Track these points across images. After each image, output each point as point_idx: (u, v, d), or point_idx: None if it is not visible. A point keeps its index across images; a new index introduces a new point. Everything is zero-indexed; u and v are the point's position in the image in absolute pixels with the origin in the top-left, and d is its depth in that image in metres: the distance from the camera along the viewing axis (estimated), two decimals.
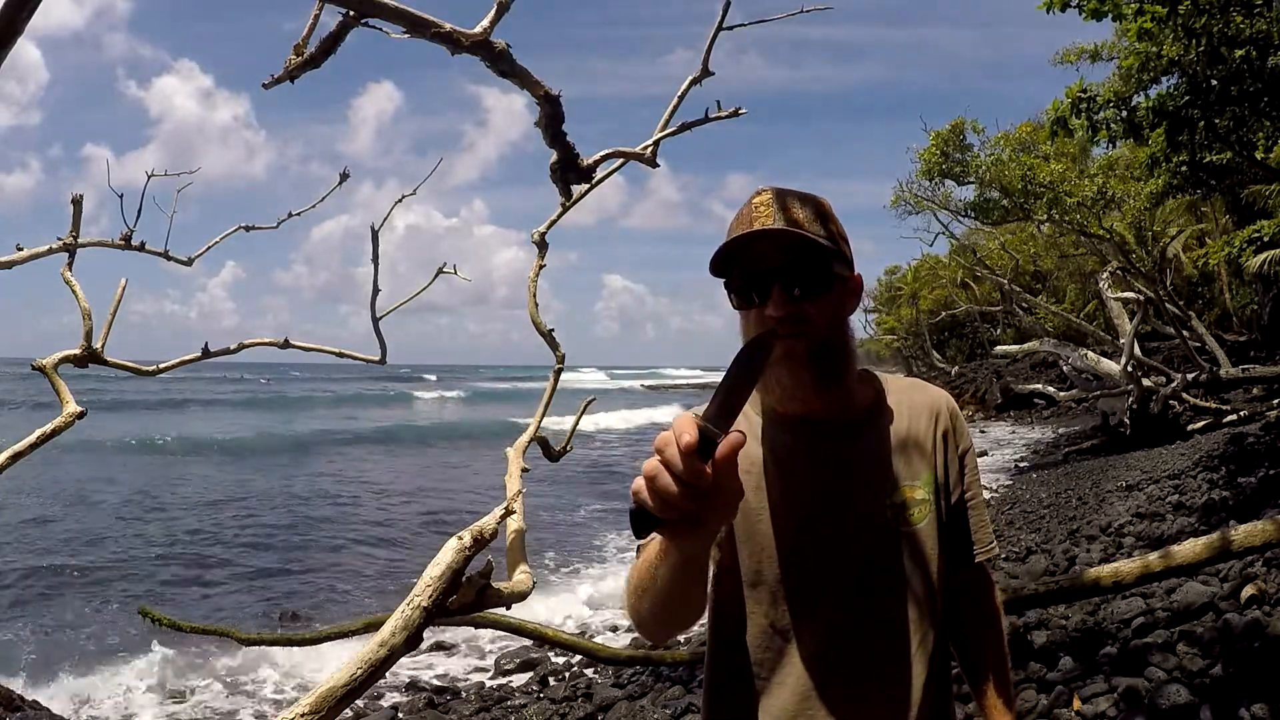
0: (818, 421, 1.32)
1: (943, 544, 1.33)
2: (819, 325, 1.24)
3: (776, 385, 1.28)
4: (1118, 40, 13.08)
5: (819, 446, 1.31)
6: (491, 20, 1.18)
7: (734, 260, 1.26)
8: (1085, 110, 5.47)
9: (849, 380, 1.32)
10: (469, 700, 5.15)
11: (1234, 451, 8.09)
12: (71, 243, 2.85)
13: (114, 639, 6.44)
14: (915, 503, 1.31)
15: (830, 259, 1.24)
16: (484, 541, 1.39)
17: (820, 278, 1.24)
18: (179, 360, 3.30)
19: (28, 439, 2.49)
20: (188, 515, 11.32)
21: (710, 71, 2.08)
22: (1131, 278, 13.32)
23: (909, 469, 1.32)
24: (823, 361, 1.25)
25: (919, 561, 1.30)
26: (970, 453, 1.39)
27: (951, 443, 1.36)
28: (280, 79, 1.35)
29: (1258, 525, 3.44)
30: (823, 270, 1.24)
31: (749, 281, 1.25)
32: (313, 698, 1.17)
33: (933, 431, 1.35)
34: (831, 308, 1.25)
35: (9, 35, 0.77)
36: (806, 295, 1.23)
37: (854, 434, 1.33)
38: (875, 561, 1.29)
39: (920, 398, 1.38)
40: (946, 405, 1.39)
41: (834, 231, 1.27)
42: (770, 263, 1.23)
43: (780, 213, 1.24)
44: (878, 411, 1.35)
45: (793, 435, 1.33)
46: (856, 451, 1.32)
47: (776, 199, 1.25)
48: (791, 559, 1.30)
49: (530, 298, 3.38)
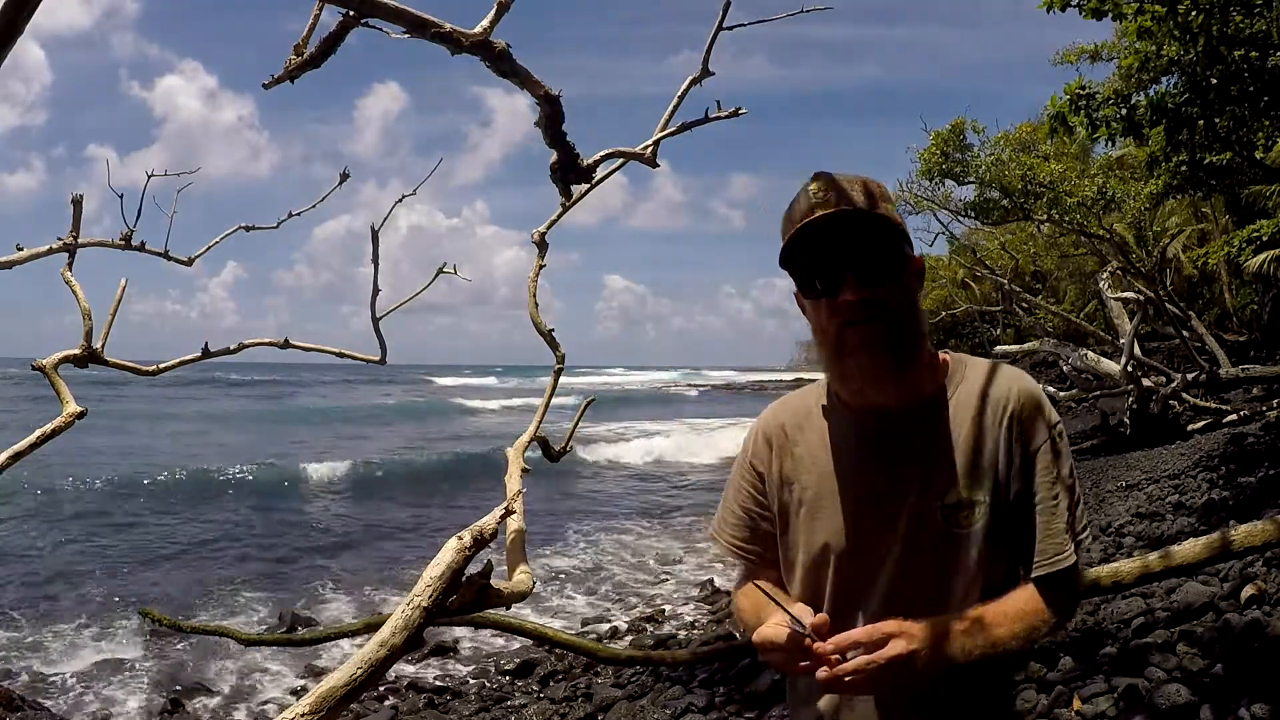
0: (882, 413, 1.27)
1: (994, 551, 1.24)
2: (894, 309, 1.20)
3: (855, 373, 1.25)
4: (1118, 40, 13.09)
5: (880, 441, 1.27)
6: (491, 20, 1.18)
7: (798, 250, 1.22)
8: (1084, 108, 5.47)
9: (920, 365, 1.26)
10: (469, 700, 5.15)
11: (1234, 451, 8.08)
12: (71, 243, 2.85)
13: (114, 639, 6.44)
14: (971, 504, 1.23)
15: (900, 240, 1.21)
16: (484, 541, 1.39)
17: (893, 260, 1.21)
18: (179, 360, 3.30)
19: (28, 439, 2.49)
20: (188, 514, 11.32)
21: (710, 71, 2.07)
22: (1131, 278, 13.31)
23: (969, 467, 1.23)
24: (899, 345, 1.22)
25: (969, 569, 1.24)
26: (1045, 450, 1.24)
27: (1019, 439, 1.24)
28: (280, 79, 1.35)
29: (1258, 525, 3.44)
30: (894, 252, 1.21)
31: (818, 270, 1.22)
32: (312, 698, 1.17)
33: (999, 426, 1.24)
34: (904, 290, 1.22)
35: (9, 35, 0.77)
36: (880, 279, 1.19)
37: (917, 427, 1.26)
38: (923, 565, 1.24)
39: (995, 387, 1.26)
40: (1019, 396, 1.25)
41: (894, 214, 1.23)
42: (840, 248, 1.19)
43: (840, 197, 1.20)
44: (946, 401, 1.27)
45: (855, 427, 1.29)
46: (916, 446, 1.26)
47: (833, 184, 1.21)
48: (842, 558, 1.29)
49: (530, 297, 3.38)
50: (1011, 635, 1.20)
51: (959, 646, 1.16)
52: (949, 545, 1.23)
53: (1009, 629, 1.20)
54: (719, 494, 1.48)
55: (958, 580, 1.24)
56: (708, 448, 19.54)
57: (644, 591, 7.90)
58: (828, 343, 1.25)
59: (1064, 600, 1.26)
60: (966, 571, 1.24)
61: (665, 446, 19.71)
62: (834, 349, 1.24)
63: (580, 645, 4.33)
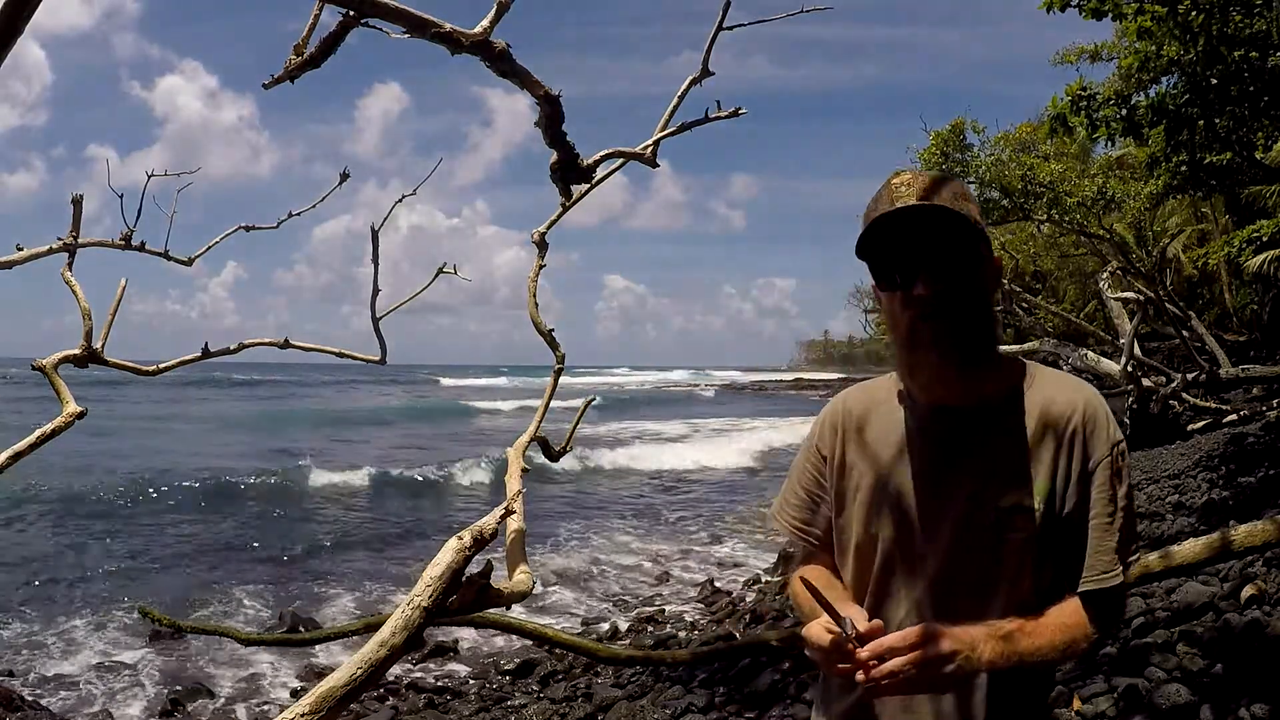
0: (948, 410, 1.27)
1: (1042, 560, 1.24)
2: (965, 307, 1.21)
3: (923, 368, 1.26)
4: (1118, 40, 13.10)
5: (943, 438, 1.28)
6: (491, 20, 1.18)
7: (875, 241, 1.23)
8: (1085, 108, 5.47)
9: (989, 366, 1.26)
10: (469, 700, 5.15)
11: (1234, 451, 8.09)
12: (71, 243, 2.85)
13: (114, 639, 6.44)
14: (1024, 511, 1.23)
15: (978, 239, 1.22)
16: (484, 541, 1.39)
17: (969, 258, 1.21)
18: (179, 360, 3.30)
19: (28, 439, 2.49)
20: (189, 515, 11.32)
21: (710, 71, 2.07)
22: (1131, 278, 13.32)
23: (1026, 474, 1.23)
24: (968, 344, 1.22)
25: (1015, 575, 1.24)
26: (1104, 467, 1.23)
27: (1078, 452, 1.23)
28: (280, 79, 1.35)
29: (1258, 525, 3.44)
30: (971, 250, 1.21)
31: (894, 262, 1.22)
32: (312, 698, 1.17)
33: (1061, 437, 1.24)
34: (978, 289, 1.22)
35: (10, 35, 0.77)
36: (955, 276, 1.20)
37: (981, 427, 1.26)
38: (970, 565, 1.25)
39: (1061, 397, 1.26)
40: (1083, 410, 1.24)
41: (973, 212, 1.22)
42: (918, 242, 1.20)
43: (922, 192, 1.20)
44: (1011, 406, 1.26)
45: (921, 421, 1.30)
46: (978, 447, 1.26)
47: (917, 179, 1.22)
48: (891, 549, 1.30)
49: (530, 297, 3.38)
50: (1050, 646, 1.20)
51: (994, 651, 1.16)
52: (998, 549, 1.23)
53: (1048, 640, 1.20)
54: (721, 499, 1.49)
55: (1002, 584, 1.24)
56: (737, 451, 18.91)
57: (644, 592, 7.90)
58: (899, 336, 1.26)
59: (1107, 617, 1.26)
60: (1012, 577, 1.24)
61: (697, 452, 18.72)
62: (904, 342, 1.25)
63: (580, 645, 4.33)
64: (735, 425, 27.09)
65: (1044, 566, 1.24)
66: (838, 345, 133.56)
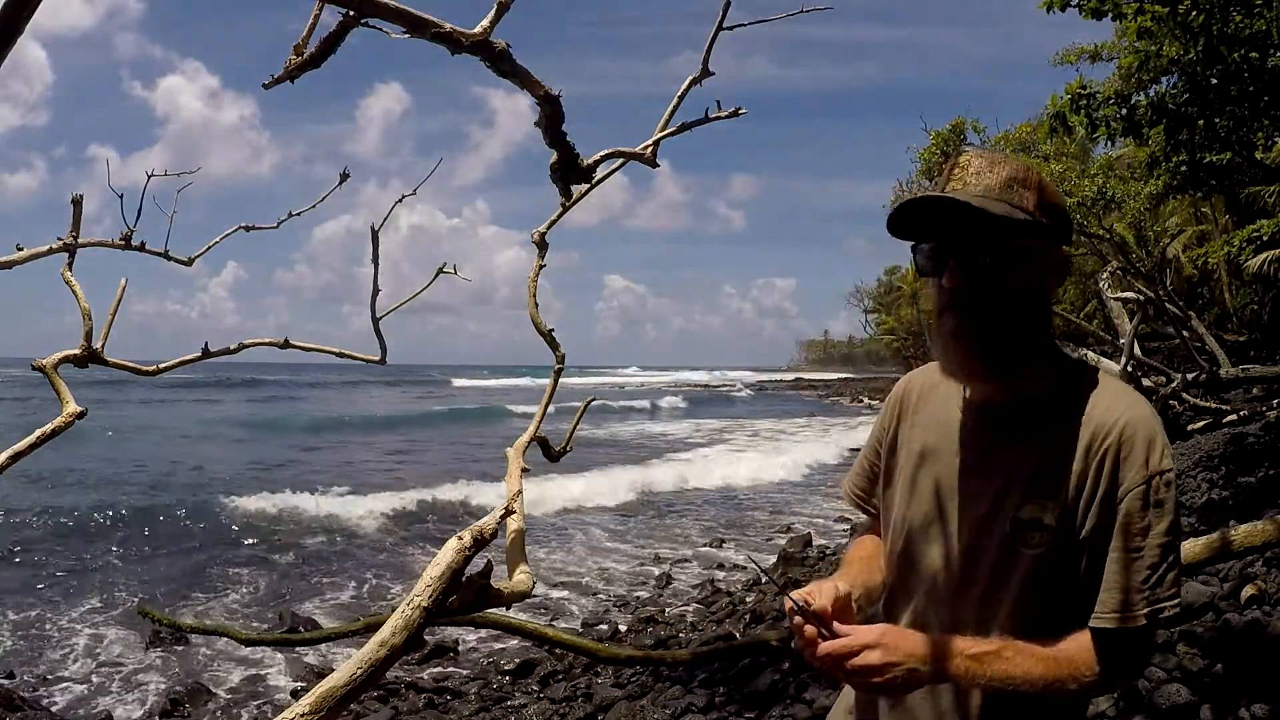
0: (989, 405, 1.23)
1: (1054, 582, 1.16)
2: (993, 302, 1.15)
3: (942, 360, 1.23)
4: (1118, 40, 13.10)
5: (981, 433, 1.24)
6: (491, 20, 1.18)
7: (909, 224, 1.20)
8: (1085, 107, 5.47)
9: (1022, 364, 1.19)
10: (469, 700, 5.15)
11: (1234, 451, 8.08)
12: (71, 243, 2.85)
13: (114, 639, 6.44)
14: (1042, 527, 1.16)
15: (1012, 232, 1.14)
16: (484, 541, 1.39)
17: (998, 251, 1.15)
18: (179, 360, 3.30)
19: (28, 439, 2.49)
20: (190, 515, 11.31)
21: (710, 71, 2.08)
22: (1131, 278, 13.32)
23: (1049, 487, 1.16)
24: (989, 341, 1.16)
25: (1021, 590, 1.18)
26: (1135, 495, 1.11)
27: (1106, 474, 1.13)
28: (280, 79, 1.35)
29: (1258, 525, 3.44)
30: (1001, 243, 1.15)
31: (931, 249, 1.19)
32: (312, 698, 1.18)
33: (1092, 453, 1.14)
34: (1013, 284, 1.16)
35: (10, 34, 0.77)
36: (983, 270, 1.15)
37: (1014, 428, 1.21)
38: (977, 571, 1.21)
39: (1103, 411, 1.15)
40: (1121, 429, 1.13)
41: (1029, 201, 1.15)
42: (949, 231, 1.16)
43: (969, 177, 1.16)
44: (1054, 411, 1.18)
45: (964, 413, 1.26)
46: (1007, 448, 1.20)
47: (973, 162, 1.17)
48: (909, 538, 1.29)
49: (530, 297, 3.38)
50: (1027, 677, 1.12)
51: (959, 669, 1.12)
52: (1008, 559, 1.18)
53: (1026, 670, 1.12)
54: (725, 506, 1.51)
55: (1006, 596, 1.19)
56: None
57: (644, 592, 7.90)
58: (931, 324, 1.25)
59: (1117, 662, 1.14)
60: (1018, 591, 1.18)
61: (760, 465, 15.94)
62: (932, 330, 1.24)
63: (580, 645, 4.34)
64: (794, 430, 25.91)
65: (1058, 589, 1.17)
66: (838, 345, 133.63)
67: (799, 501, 12.95)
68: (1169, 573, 1.12)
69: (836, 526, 10.67)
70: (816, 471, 16.17)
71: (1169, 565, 1.12)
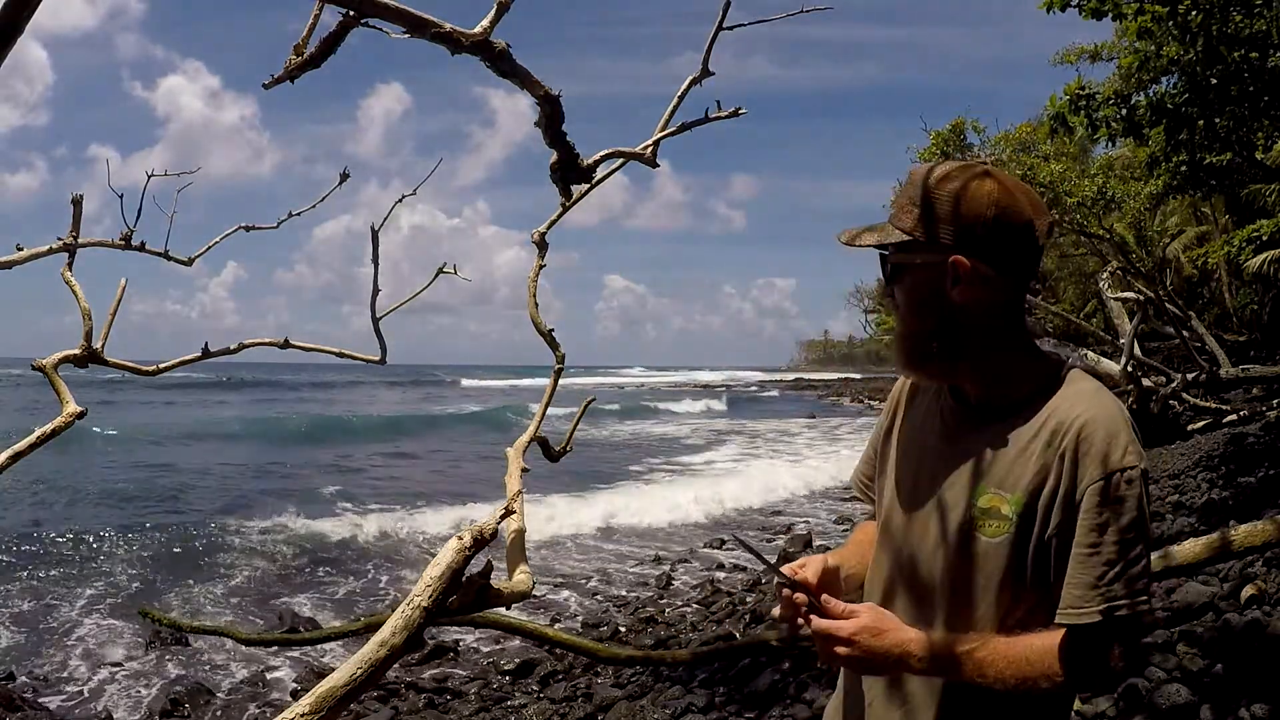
0: (966, 405, 1.31)
1: (1017, 576, 1.19)
2: (898, 311, 1.30)
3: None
4: (1118, 40, 13.10)
5: (955, 431, 1.31)
6: (491, 20, 1.18)
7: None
8: (1084, 108, 5.47)
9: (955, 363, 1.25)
10: (469, 700, 5.15)
11: (1234, 451, 8.09)
12: (71, 243, 2.85)
13: (114, 639, 6.44)
14: (995, 516, 1.20)
15: (890, 252, 1.28)
16: (484, 541, 1.39)
17: (886, 270, 1.30)
18: (179, 360, 3.29)
19: (28, 439, 2.49)
20: (190, 516, 11.32)
21: (710, 71, 2.07)
22: (1131, 278, 13.33)
23: (1009, 479, 1.20)
24: (906, 346, 1.29)
25: (982, 580, 1.22)
26: (1094, 491, 1.12)
27: (1065, 472, 1.15)
28: (280, 79, 1.35)
29: (1258, 525, 3.44)
30: (886, 264, 1.30)
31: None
32: (312, 698, 1.17)
33: (1052, 449, 1.17)
34: (903, 296, 1.29)
35: (10, 34, 0.77)
36: (890, 290, 1.31)
37: (985, 423, 1.27)
38: (940, 559, 1.27)
39: (1069, 408, 1.18)
40: (1080, 427, 1.15)
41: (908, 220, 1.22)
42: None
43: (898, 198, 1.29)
44: (1022, 409, 1.23)
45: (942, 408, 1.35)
46: (975, 443, 1.26)
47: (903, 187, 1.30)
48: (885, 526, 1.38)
49: (530, 297, 3.38)
50: (999, 676, 1.15)
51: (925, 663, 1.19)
52: (967, 548, 1.23)
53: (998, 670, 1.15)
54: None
55: (971, 586, 1.23)
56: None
57: (644, 592, 7.90)
58: None
59: (1081, 661, 1.14)
60: (979, 581, 1.22)
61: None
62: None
63: (580, 645, 4.34)
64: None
65: (1021, 584, 1.19)
66: (838, 345, 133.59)
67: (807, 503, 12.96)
68: (1129, 570, 1.12)
69: (836, 527, 10.67)
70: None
71: (1129, 563, 1.12)
